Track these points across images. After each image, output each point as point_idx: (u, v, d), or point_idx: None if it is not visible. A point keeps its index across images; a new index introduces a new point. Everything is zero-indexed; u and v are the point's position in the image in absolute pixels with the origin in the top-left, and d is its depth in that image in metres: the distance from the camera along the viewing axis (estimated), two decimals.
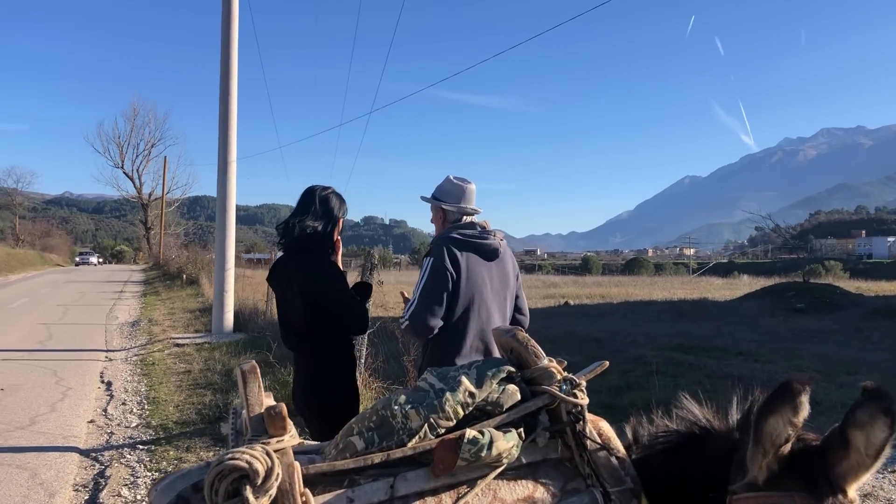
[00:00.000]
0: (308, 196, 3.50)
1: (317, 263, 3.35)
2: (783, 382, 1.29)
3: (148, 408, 7.56)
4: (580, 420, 1.63)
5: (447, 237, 3.33)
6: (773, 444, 1.31)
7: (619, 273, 67.82)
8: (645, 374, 9.43)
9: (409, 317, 3.23)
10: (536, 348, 1.70)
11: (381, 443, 1.56)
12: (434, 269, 3.22)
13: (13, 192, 77.74)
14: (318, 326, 3.38)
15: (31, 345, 12.03)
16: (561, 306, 21.80)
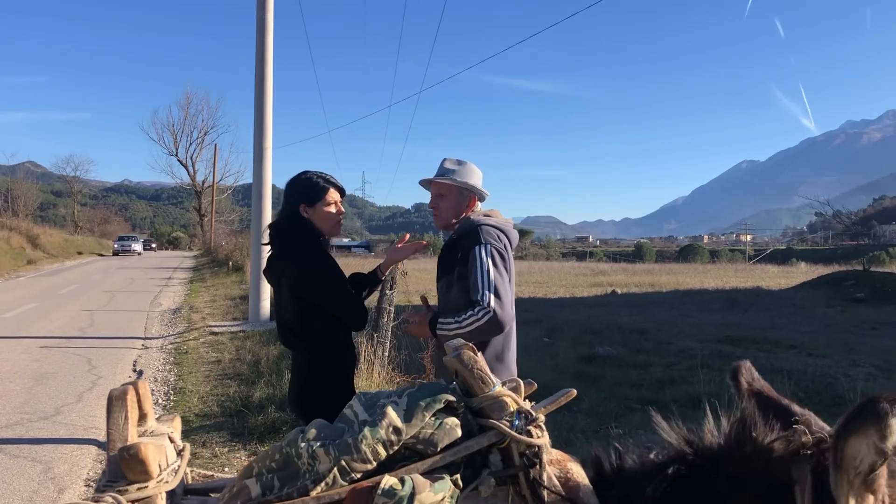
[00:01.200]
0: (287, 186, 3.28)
1: (301, 257, 3.09)
2: (869, 398, 1.07)
3: (173, 399, 7.46)
4: (535, 464, 1.31)
5: (487, 223, 3.04)
6: (857, 473, 1.09)
7: (672, 260, 66.46)
8: (690, 368, 9.01)
9: (496, 303, 2.81)
10: (484, 372, 1.38)
11: (281, 489, 1.28)
12: (497, 252, 2.94)
13: (72, 179, 79.49)
14: (311, 324, 3.14)
15: (73, 332, 12.11)
16: (607, 295, 21.29)
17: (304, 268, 3.06)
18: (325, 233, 3.22)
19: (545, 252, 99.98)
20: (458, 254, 3.01)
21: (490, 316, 2.79)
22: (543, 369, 8.88)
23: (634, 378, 8.90)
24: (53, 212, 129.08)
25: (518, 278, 27.52)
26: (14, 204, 55.66)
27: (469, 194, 3.15)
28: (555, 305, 17.76)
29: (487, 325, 2.80)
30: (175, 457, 1.43)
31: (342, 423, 1.37)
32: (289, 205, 3.20)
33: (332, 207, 3.22)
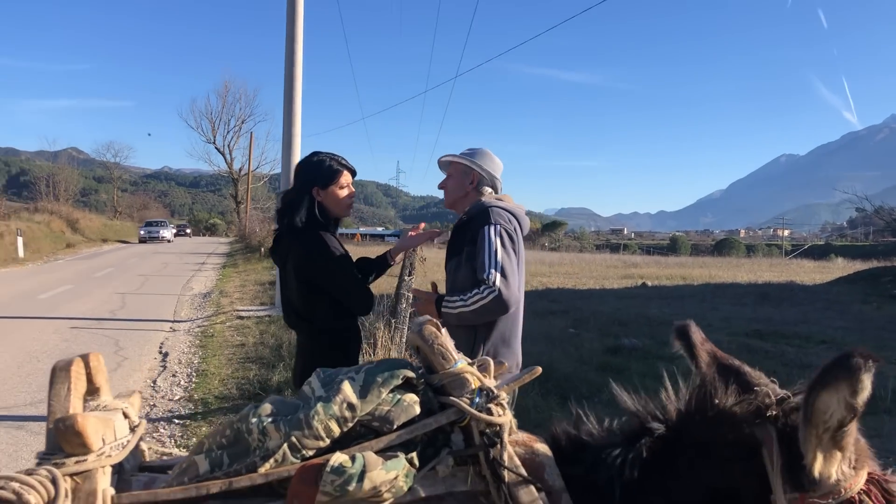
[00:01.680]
0: (296, 167, 3.27)
1: (308, 238, 3.07)
2: (842, 353, 1.06)
3: (195, 381, 7.52)
4: (496, 443, 1.26)
5: (497, 206, 3.03)
6: (826, 428, 1.09)
7: (708, 254, 65.52)
8: None
9: (501, 282, 2.76)
10: (446, 348, 1.33)
11: (230, 465, 1.24)
12: (507, 235, 2.91)
13: (112, 165, 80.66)
14: (315, 306, 3.12)
15: (104, 314, 12.28)
16: (637, 287, 21.04)
17: (310, 249, 3.05)
18: (336, 215, 3.21)
19: (578, 244, 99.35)
20: (467, 235, 2.99)
21: (495, 295, 2.75)
22: (567, 360, 8.82)
23: (660, 370, 8.75)
24: (95, 197, 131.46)
25: (548, 269, 27.33)
26: (55, 189, 56.64)
27: (472, 172, 3.14)
28: (583, 296, 17.60)
29: (492, 305, 2.77)
30: (127, 432, 1.41)
31: (300, 399, 1.34)
32: (300, 186, 3.18)
33: (344, 190, 3.20)
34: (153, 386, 7.34)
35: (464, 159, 3.16)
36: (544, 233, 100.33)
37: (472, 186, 3.15)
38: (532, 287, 20.56)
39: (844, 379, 1.05)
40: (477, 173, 3.14)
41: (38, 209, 44.67)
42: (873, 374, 1.05)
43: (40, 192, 56.06)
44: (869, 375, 1.04)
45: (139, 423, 1.48)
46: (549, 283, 22.35)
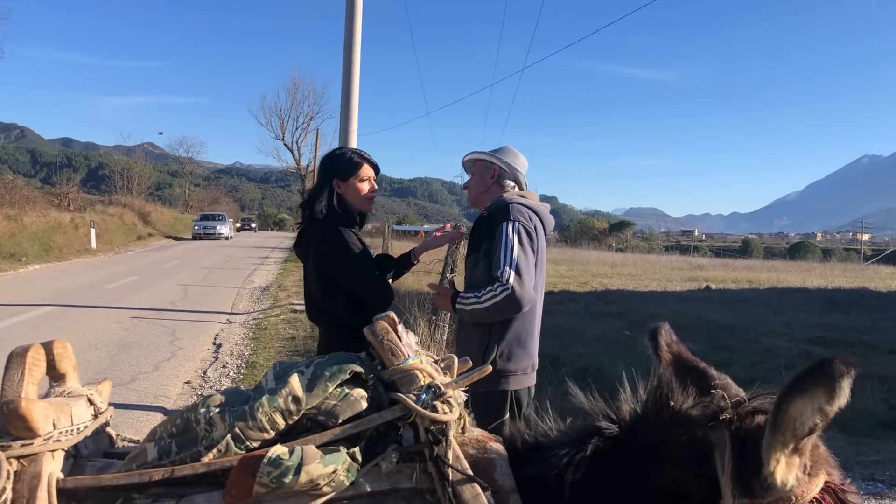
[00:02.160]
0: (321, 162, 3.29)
1: (328, 232, 3.08)
2: (822, 360, 1.03)
3: (244, 372, 7.65)
4: (440, 441, 1.23)
5: (518, 202, 2.97)
6: (794, 435, 1.05)
7: (782, 258, 63.65)
8: (774, 368, 8.60)
9: (515, 280, 2.71)
10: (395, 344, 1.31)
11: (178, 453, 1.25)
12: (524, 230, 2.85)
13: (185, 160, 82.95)
14: (334, 300, 3.13)
15: (164, 304, 12.62)
16: (700, 290, 20.57)
17: (329, 243, 3.06)
18: (356, 208, 3.20)
19: (647, 245, 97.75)
20: (486, 230, 2.95)
21: (508, 293, 2.71)
22: (619, 362, 8.67)
23: None
24: (169, 191, 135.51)
25: (610, 269, 26.98)
26: (129, 182, 58.49)
27: (492, 167, 3.11)
28: (643, 298, 17.31)
29: (505, 303, 2.72)
30: (88, 418, 1.42)
31: (256, 391, 1.34)
32: (321, 179, 3.20)
33: (364, 183, 3.20)
34: (203, 376, 7.50)
35: (484, 154, 3.14)
36: (611, 233, 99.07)
37: (493, 180, 3.11)
38: (592, 288, 20.33)
39: (823, 385, 1.01)
40: (497, 167, 3.09)
41: (112, 202, 46.21)
42: (852, 381, 1.01)
43: (115, 185, 57.98)
44: (849, 382, 1.00)
45: (105, 409, 1.49)
46: (610, 284, 22.05)
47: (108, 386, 1.59)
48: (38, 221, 25.93)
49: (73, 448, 1.33)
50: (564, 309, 14.42)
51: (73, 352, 1.55)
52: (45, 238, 24.69)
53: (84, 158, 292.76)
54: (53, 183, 41.25)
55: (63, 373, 1.48)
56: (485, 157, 3.13)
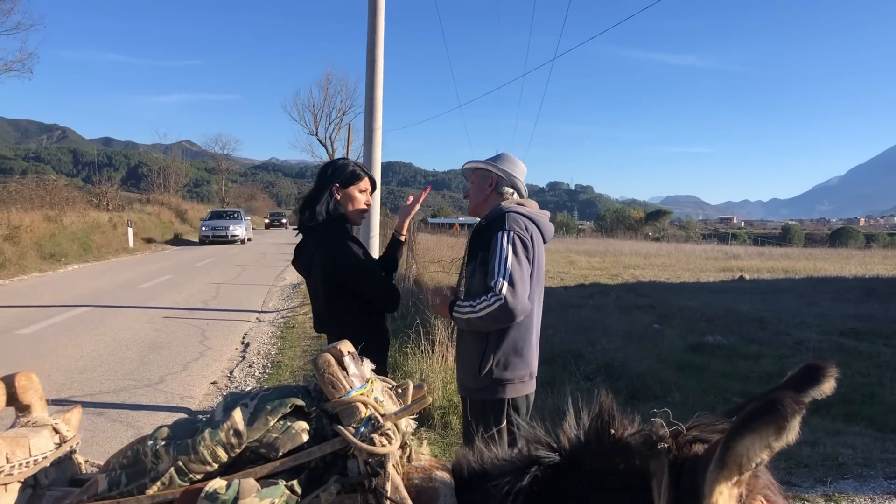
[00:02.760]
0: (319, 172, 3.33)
1: (332, 240, 3.12)
2: (772, 397, 0.98)
3: (269, 372, 7.76)
4: (379, 473, 1.25)
5: (515, 211, 2.97)
6: (739, 470, 1.03)
7: (823, 244, 62.40)
8: (804, 361, 8.44)
9: (508, 291, 2.73)
10: (336, 377, 1.34)
11: (127, 485, 1.29)
12: (519, 240, 2.85)
13: (221, 157, 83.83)
14: (342, 308, 3.16)
15: (196, 304, 12.82)
16: (734, 281, 20.31)
17: (335, 250, 3.09)
18: (350, 217, 3.24)
19: (684, 233, 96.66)
20: (483, 239, 2.96)
21: (501, 304, 2.73)
22: (646, 357, 8.62)
23: (742, 370, 8.49)
24: (206, 188, 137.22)
25: (643, 261, 26.73)
26: (166, 180, 59.28)
27: (490, 175, 3.12)
28: (674, 290, 17.15)
29: (498, 313, 2.75)
30: (49, 448, 1.47)
31: (205, 422, 1.37)
32: (320, 184, 3.24)
33: (363, 195, 3.25)
34: (229, 376, 7.62)
35: (481, 163, 3.16)
36: (648, 222, 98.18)
37: (491, 189, 3.13)
38: (623, 280, 20.20)
39: (774, 424, 0.99)
40: (495, 175, 3.11)
41: (150, 200, 46.93)
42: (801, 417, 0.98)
43: (153, 183, 58.82)
44: (798, 420, 0.98)
45: (71, 437, 1.54)
46: (642, 275, 21.88)
47: (78, 413, 1.64)
48: (77, 222, 26.46)
49: (31, 478, 1.38)
50: (594, 302, 14.35)
51: (38, 383, 1.60)
52: (84, 238, 25.19)
53: (124, 157, 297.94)
54: (95, 182, 41.84)
55: (28, 404, 1.53)
56: (482, 166, 3.15)
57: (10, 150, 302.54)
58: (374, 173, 12.10)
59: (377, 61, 11.99)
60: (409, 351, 6.46)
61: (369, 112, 12.08)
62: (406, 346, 6.71)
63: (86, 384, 7.04)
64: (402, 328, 8.02)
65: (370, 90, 12.04)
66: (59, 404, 6.30)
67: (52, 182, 33.59)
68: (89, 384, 7.04)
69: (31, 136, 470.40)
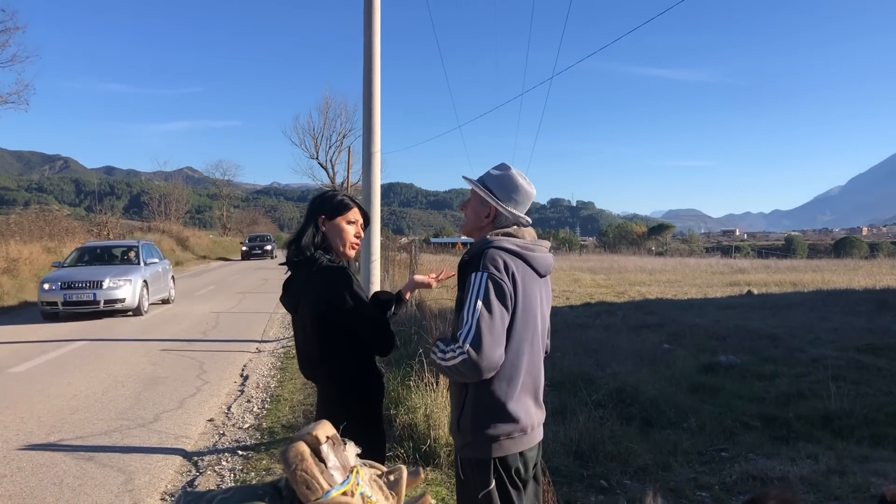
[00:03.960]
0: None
1: (323, 273, 2.85)
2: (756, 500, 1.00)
3: (267, 407, 7.49)
4: None
5: (498, 246, 2.61)
6: None
7: (827, 255, 62.08)
8: (821, 380, 8.18)
9: (473, 344, 2.40)
10: (312, 475, 1.07)
11: None
12: (493, 283, 2.49)
13: (222, 183, 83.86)
14: (332, 349, 2.88)
15: (196, 334, 12.56)
16: (742, 296, 20.00)
17: (324, 286, 2.83)
18: (337, 251, 2.98)
19: (687, 247, 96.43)
20: (463, 276, 2.62)
21: (464, 359, 2.39)
22: (657, 379, 8.34)
23: (757, 390, 8.19)
24: (209, 214, 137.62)
25: (648, 277, 26.55)
26: (167, 208, 59.24)
27: (488, 205, 2.74)
28: (682, 307, 16.85)
29: (463, 368, 2.41)
30: None
31: None
32: (308, 214, 3.01)
33: (351, 227, 3.00)
34: (227, 413, 7.34)
35: (483, 191, 2.77)
36: (650, 236, 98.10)
37: (488, 220, 2.76)
38: (629, 297, 19.92)
39: None
40: (493, 208, 2.74)
41: (150, 228, 46.83)
42: None
43: (153, 211, 58.79)
44: None
45: None
46: (648, 292, 21.59)
47: None
48: None
49: None
50: (601, 321, 14.08)
51: None
52: None
53: (126, 185, 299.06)
54: (96, 211, 41.78)
55: None
56: (482, 195, 2.77)
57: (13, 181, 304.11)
58: (373, 195, 11.95)
59: (374, 85, 11.81)
60: (413, 384, 6.14)
61: (367, 136, 11.90)
62: (409, 377, 6.41)
63: (77, 425, 6.76)
64: (404, 357, 7.75)
65: (367, 114, 11.86)
66: (48, 449, 6.05)
67: (52, 213, 33.49)
68: (81, 425, 6.76)
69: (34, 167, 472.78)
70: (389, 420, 5.81)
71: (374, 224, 11.98)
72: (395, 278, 15.90)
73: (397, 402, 6.05)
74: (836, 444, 6.06)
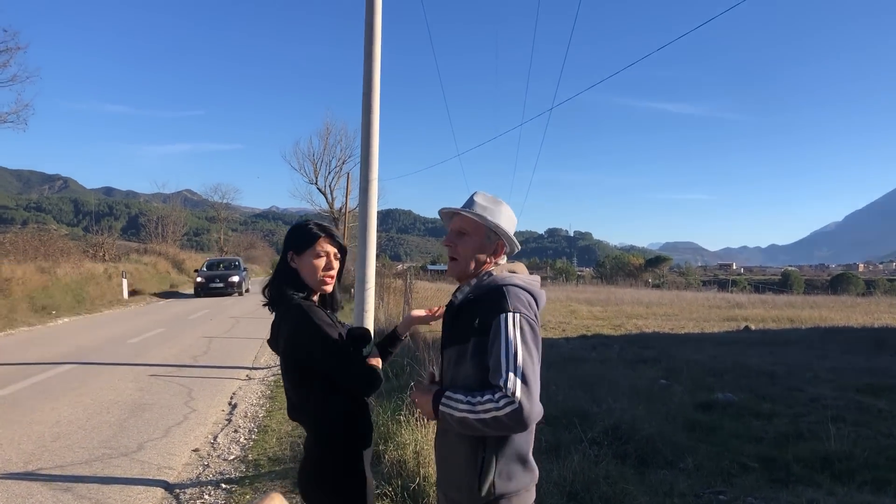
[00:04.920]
0: None
1: (291, 313, 2.68)
2: None
3: (254, 437, 7.30)
4: None
5: (514, 283, 2.38)
6: None
7: (823, 291, 61.93)
8: (821, 421, 8.03)
9: (524, 392, 2.17)
10: None
11: None
12: (529, 326, 2.28)
13: (220, 206, 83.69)
14: (304, 394, 2.72)
15: (185, 359, 12.37)
16: (739, 331, 19.83)
17: (291, 328, 2.67)
18: (309, 287, 2.82)
19: (684, 280, 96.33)
20: (475, 319, 2.35)
21: (514, 409, 2.15)
22: (653, 416, 8.15)
23: (755, 430, 8.01)
24: (207, 237, 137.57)
25: (645, 310, 26.44)
26: (164, 230, 59.07)
27: (497, 240, 2.50)
28: (679, 342, 16.68)
29: (508, 420, 2.17)
30: None
31: None
32: (282, 254, 2.86)
33: (320, 260, 2.81)
34: (213, 443, 7.15)
35: (490, 222, 2.50)
36: (647, 268, 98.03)
37: (494, 257, 2.53)
38: (626, 330, 19.76)
39: None
40: (503, 244, 2.53)
41: (147, 250, 46.60)
42: None
43: (150, 232, 58.61)
44: None
45: None
46: (645, 325, 21.42)
47: None
48: (71, 272, 26.07)
49: None
50: (598, 355, 13.90)
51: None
52: (78, 289, 24.78)
53: (125, 207, 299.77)
54: (93, 232, 41.68)
55: None
56: (492, 227, 2.50)
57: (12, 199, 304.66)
58: (369, 223, 11.83)
59: (373, 114, 11.76)
60: (403, 418, 5.96)
61: (365, 163, 11.81)
62: (399, 412, 6.24)
63: (57, 454, 6.56)
64: (396, 389, 7.58)
65: (366, 143, 11.78)
66: (24, 479, 5.85)
67: (47, 232, 33.34)
68: (61, 454, 6.56)
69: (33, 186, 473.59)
70: (378, 456, 5.63)
71: (369, 251, 11.85)
72: (389, 305, 15.75)
73: (386, 437, 5.86)
74: (836, 488, 5.89)
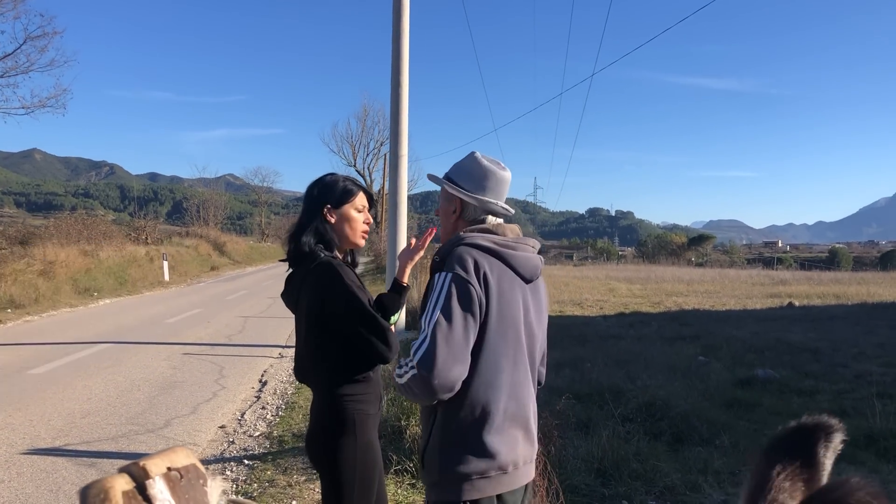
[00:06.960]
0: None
1: (321, 270, 2.55)
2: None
3: (281, 414, 7.26)
4: None
5: (470, 243, 2.20)
6: None
7: (872, 268, 60.31)
8: (865, 398, 7.73)
9: (422, 363, 2.01)
10: None
11: None
12: (456, 288, 2.07)
13: (261, 190, 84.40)
14: (326, 354, 2.58)
15: (220, 339, 12.41)
16: (783, 308, 19.33)
17: (322, 285, 2.54)
18: (347, 242, 2.72)
19: (728, 258, 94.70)
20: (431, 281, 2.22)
21: (414, 374, 2.02)
22: (691, 394, 7.93)
23: (796, 407, 7.73)
24: (249, 220, 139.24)
25: (686, 287, 25.90)
26: (206, 214, 59.68)
27: (452, 199, 2.36)
28: (720, 319, 16.30)
29: (414, 387, 2.03)
30: None
31: None
32: (309, 206, 2.71)
33: (360, 214, 2.73)
34: (240, 420, 7.12)
35: (443, 181, 2.37)
36: (690, 247, 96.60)
37: (455, 216, 2.37)
38: (665, 308, 19.40)
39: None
40: (457, 199, 2.35)
41: (189, 233, 47.15)
42: None
43: (192, 217, 59.31)
44: None
45: None
46: (685, 303, 21.02)
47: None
48: (113, 255, 26.44)
49: None
50: (635, 332, 13.65)
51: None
52: (120, 272, 25.12)
53: (169, 192, 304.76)
54: (137, 216, 42.35)
55: None
56: (445, 186, 2.37)
57: (61, 186, 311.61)
58: (399, 198, 11.72)
59: (402, 91, 11.65)
60: (408, 404, 5.84)
61: (394, 139, 11.75)
62: (403, 397, 6.12)
63: (85, 430, 6.58)
64: None
65: (395, 119, 11.71)
66: (51, 454, 5.87)
67: (92, 217, 33.89)
68: (89, 430, 6.58)
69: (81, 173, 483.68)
70: (399, 431, 5.52)
71: (400, 226, 11.77)
72: (422, 285, 15.62)
73: (408, 413, 5.75)
74: (880, 466, 5.65)
